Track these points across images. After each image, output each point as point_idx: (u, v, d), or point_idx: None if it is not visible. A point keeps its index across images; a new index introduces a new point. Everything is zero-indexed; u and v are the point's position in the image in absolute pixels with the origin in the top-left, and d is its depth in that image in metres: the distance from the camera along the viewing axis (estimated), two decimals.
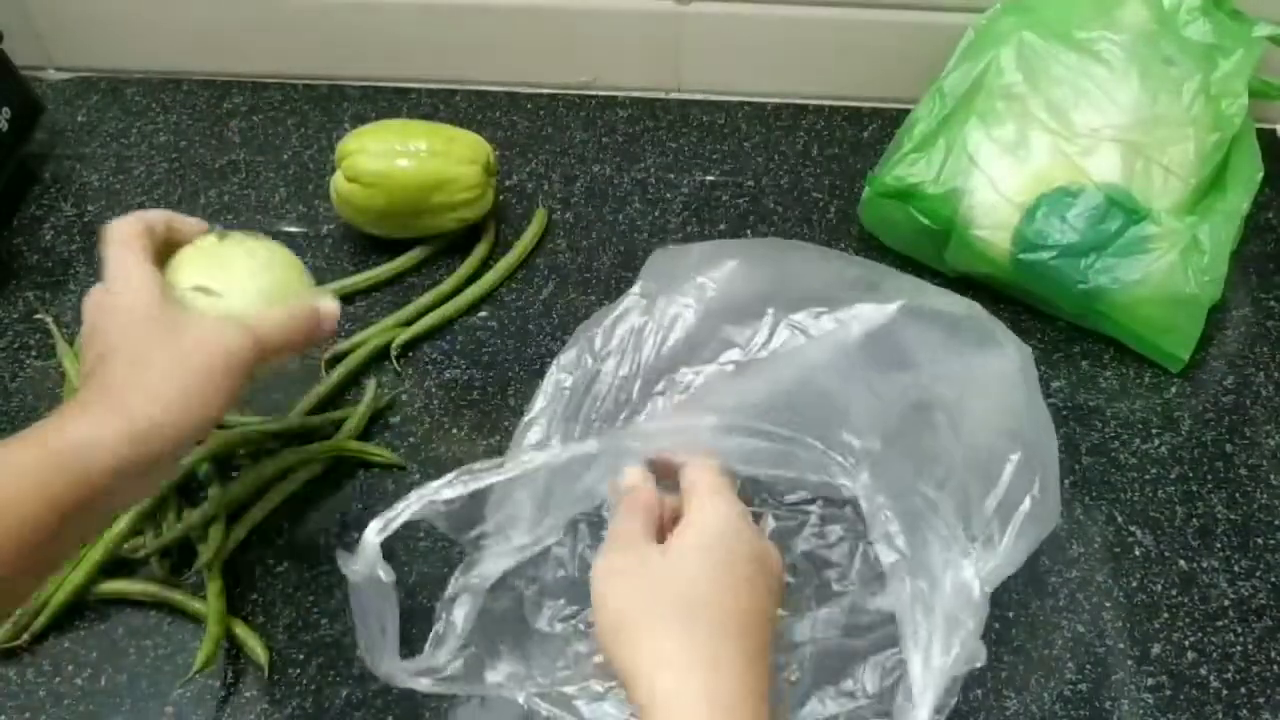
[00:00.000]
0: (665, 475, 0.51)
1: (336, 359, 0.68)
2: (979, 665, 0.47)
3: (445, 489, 0.49)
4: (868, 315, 0.54)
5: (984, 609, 0.49)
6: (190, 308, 0.49)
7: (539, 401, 0.56)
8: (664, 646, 0.43)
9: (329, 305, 0.54)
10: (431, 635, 0.51)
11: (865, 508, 0.50)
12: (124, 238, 0.50)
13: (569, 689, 0.52)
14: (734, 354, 0.58)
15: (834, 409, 0.53)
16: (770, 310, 0.57)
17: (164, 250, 0.52)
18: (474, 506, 0.51)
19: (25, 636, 0.57)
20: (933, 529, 0.50)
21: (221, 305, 0.50)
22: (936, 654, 0.46)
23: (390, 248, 0.75)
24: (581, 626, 0.55)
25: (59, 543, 0.44)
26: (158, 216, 0.52)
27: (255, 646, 0.56)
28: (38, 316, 0.71)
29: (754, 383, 0.54)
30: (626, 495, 0.50)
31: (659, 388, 0.58)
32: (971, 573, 0.49)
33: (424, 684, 0.49)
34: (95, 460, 0.43)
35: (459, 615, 0.51)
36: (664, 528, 0.48)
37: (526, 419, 0.56)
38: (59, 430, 0.44)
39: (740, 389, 0.53)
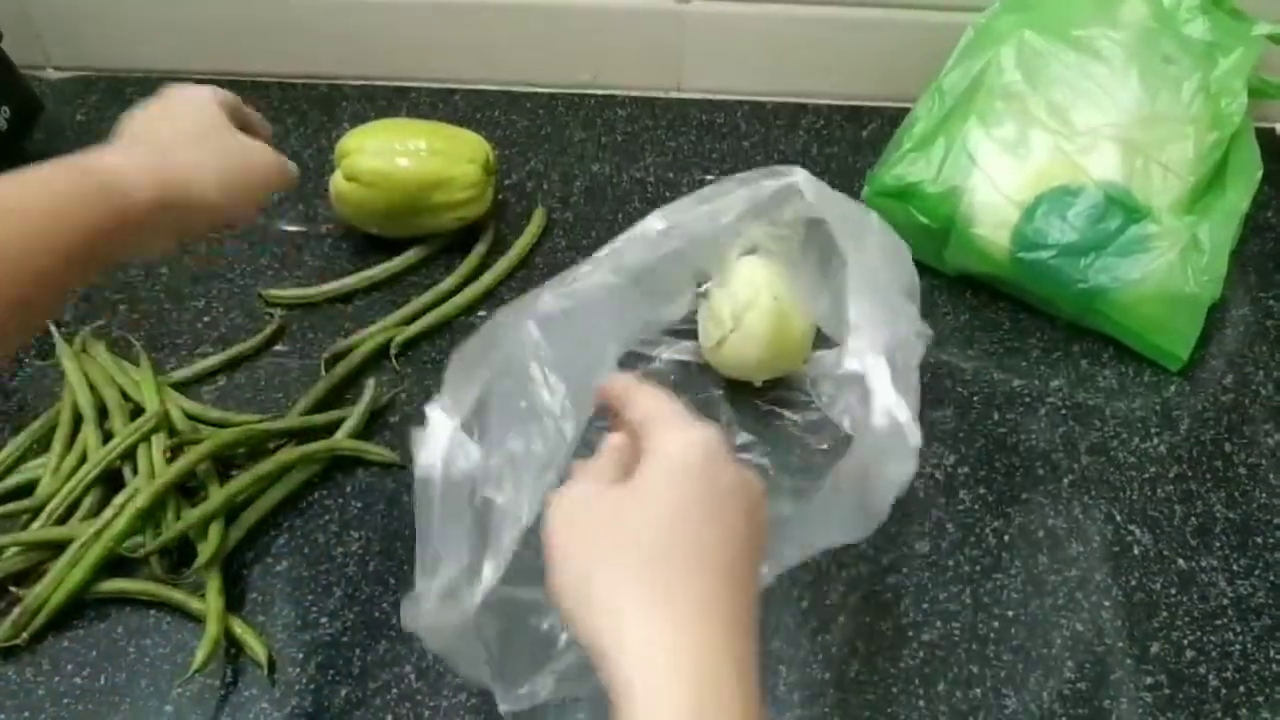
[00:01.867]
0: (614, 412, 0.44)
1: (336, 358, 0.68)
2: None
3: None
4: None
5: None
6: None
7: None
8: (629, 604, 0.36)
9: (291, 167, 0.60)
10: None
11: None
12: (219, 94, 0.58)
13: None
14: None
15: None
16: None
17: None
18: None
19: (24, 635, 0.56)
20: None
21: None
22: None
23: (389, 247, 0.75)
24: None
25: (76, 276, 0.45)
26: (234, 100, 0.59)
27: (254, 645, 0.56)
28: None
29: None
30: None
31: None
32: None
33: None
34: (134, 191, 0.46)
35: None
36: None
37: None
38: (99, 159, 0.47)
39: None
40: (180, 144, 0.51)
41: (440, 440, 0.45)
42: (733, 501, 0.39)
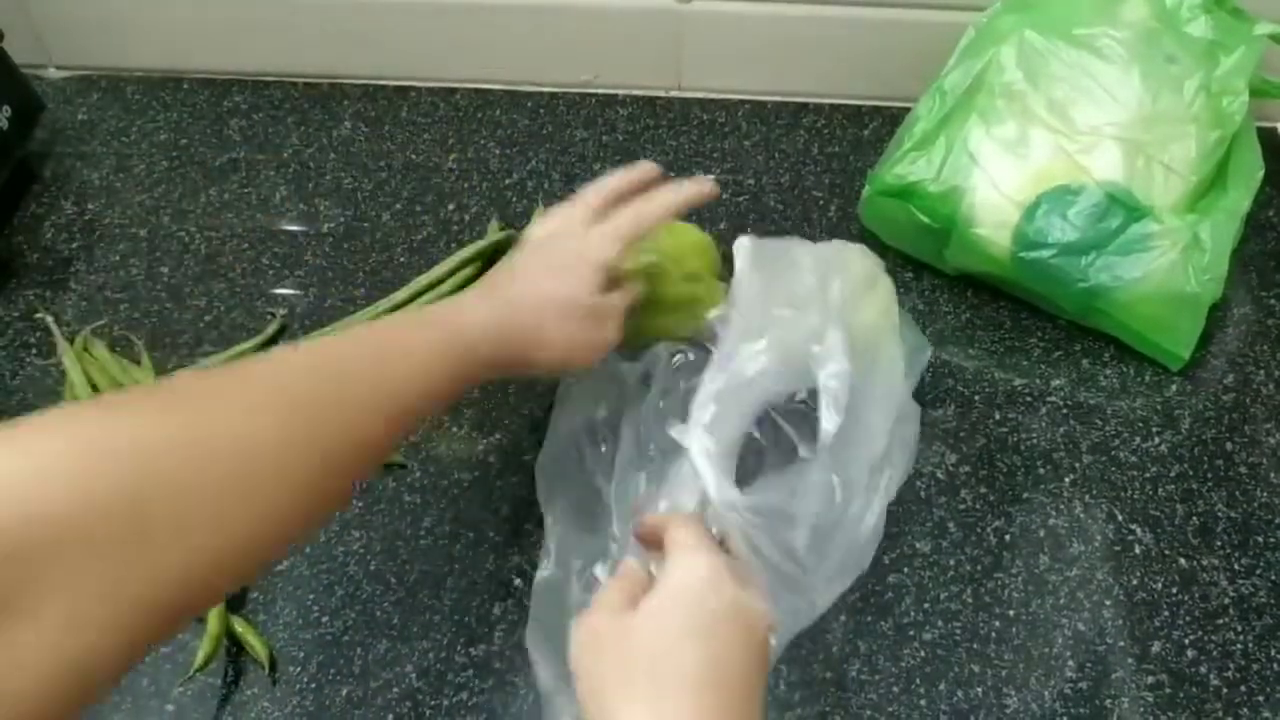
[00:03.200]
0: (654, 544, 0.49)
1: None
2: None
3: None
4: None
5: None
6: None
7: None
8: (631, 715, 0.40)
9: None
10: None
11: None
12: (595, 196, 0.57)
13: None
14: None
15: None
16: None
17: None
18: None
19: None
20: None
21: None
22: None
23: (389, 245, 0.75)
24: None
25: (424, 415, 0.49)
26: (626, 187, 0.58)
27: (256, 644, 0.56)
28: (38, 315, 0.71)
29: None
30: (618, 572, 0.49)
31: None
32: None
33: None
34: (479, 346, 0.50)
35: None
36: None
37: None
38: (460, 313, 0.51)
39: None
40: (536, 309, 0.53)
41: None
42: (728, 625, 0.43)
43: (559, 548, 0.57)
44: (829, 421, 0.52)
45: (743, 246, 0.58)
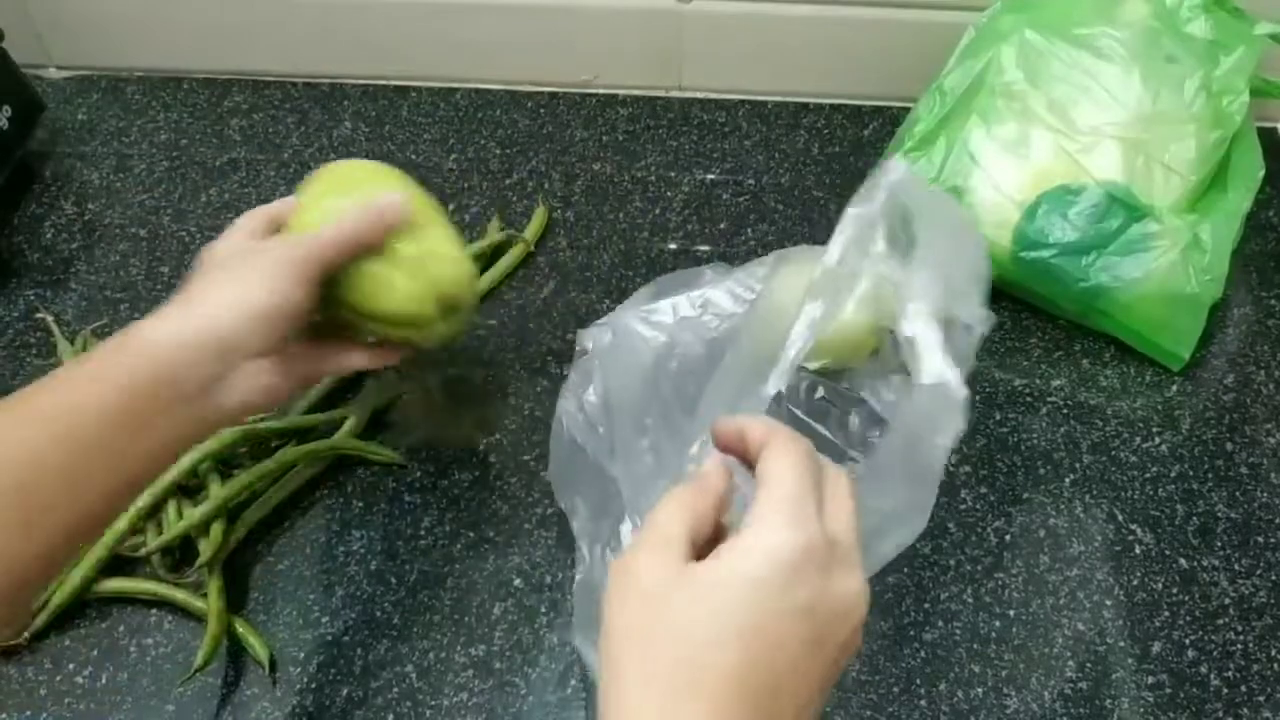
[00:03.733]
0: (738, 453, 0.40)
1: None
2: None
3: None
4: None
5: None
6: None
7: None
8: (644, 706, 0.33)
9: (388, 197, 0.53)
10: None
11: None
12: (245, 219, 0.54)
13: None
14: None
15: None
16: None
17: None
18: None
19: (26, 635, 0.57)
20: None
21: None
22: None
23: None
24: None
25: (139, 443, 0.45)
26: (280, 209, 0.55)
27: (256, 645, 0.56)
28: (38, 315, 0.71)
29: None
30: (691, 482, 0.39)
31: None
32: None
33: None
34: (159, 340, 0.46)
35: None
36: (717, 536, 0.37)
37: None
38: (136, 327, 0.47)
39: None
40: (201, 288, 0.49)
41: None
42: (793, 626, 0.34)
43: (590, 547, 0.56)
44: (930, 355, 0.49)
45: (897, 167, 0.51)
